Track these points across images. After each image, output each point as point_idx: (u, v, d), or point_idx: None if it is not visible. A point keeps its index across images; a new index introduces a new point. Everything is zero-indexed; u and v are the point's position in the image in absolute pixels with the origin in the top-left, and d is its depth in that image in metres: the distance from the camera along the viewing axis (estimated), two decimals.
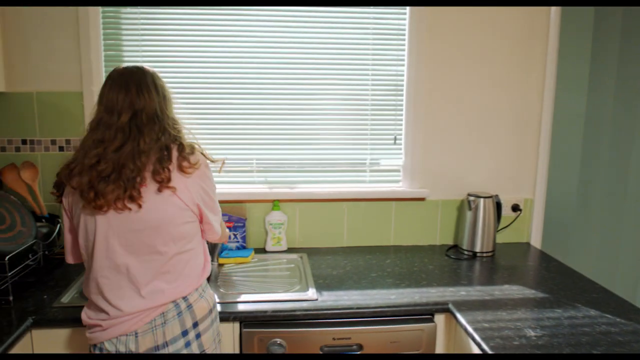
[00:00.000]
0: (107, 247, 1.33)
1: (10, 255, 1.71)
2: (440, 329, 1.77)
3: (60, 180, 1.39)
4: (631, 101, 2.42)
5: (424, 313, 1.75)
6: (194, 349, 1.38)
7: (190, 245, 1.41)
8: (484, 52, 2.28)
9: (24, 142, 2.15)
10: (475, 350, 1.55)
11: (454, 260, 2.20)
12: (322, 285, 1.89)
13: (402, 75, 2.28)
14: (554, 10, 2.27)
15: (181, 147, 1.38)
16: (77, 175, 1.32)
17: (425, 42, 2.24)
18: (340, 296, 1.79)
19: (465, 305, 1.72)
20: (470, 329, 1.57)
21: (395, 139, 2.32)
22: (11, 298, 1.68)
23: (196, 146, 1.43)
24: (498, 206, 2.28)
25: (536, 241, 2.43)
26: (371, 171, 2.34)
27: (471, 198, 2.25)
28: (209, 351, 1.43)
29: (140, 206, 1.30)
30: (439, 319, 1.77)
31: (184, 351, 1.36)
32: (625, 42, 2.37)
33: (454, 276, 2.01)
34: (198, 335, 1.39)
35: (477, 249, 2.24)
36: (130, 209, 1.30)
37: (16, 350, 1.49)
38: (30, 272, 1.87)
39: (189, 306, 1.38)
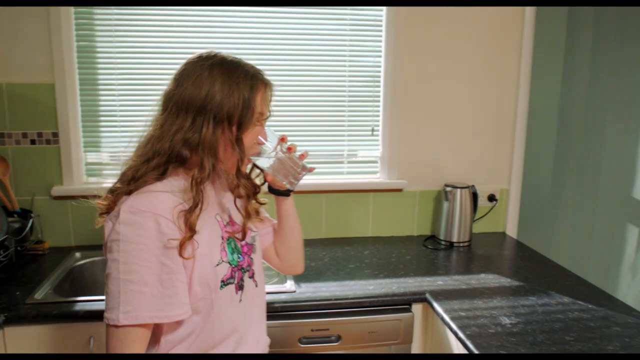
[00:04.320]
0: None
1: None
2: (417, 318, 1.78)
3: None
4: (603, 95, 2.46)
5: (401, 303, 1.76)
6: None
7: None
8: (461, 45, 2.29)
9: None
10: (452, 339, 1.57)
11: (432, 250, 2.22)
12: (300, 277, 1.88)
13: (380, 66, 2.28)
14: (529, 8, 2.29)
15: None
16: None
17: (403, 33, 2.24)
18: (318, 287, 1.79)
19: (442, 295, 1.74)
20: (446, 318, 1.58)
21: (372, 130, 2.32)
22: None
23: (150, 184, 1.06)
24: (474, 196, 2.31)
25: (512, 230, 2.47)
26: (349, 162, 2.35)
27: (448, 189, 2.27)
28: None
29: None
30: (417, 308, 1.78)
31: None
32: (597, 36, 2.40)
33: (431, 266, 2.02)
34: None
35: (454, 239, 2.27)
36: None
37: None
38: (1, 268, 1.83)
39: None
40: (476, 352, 1.39)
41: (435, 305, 1.67)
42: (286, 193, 1.33)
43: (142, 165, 1.06)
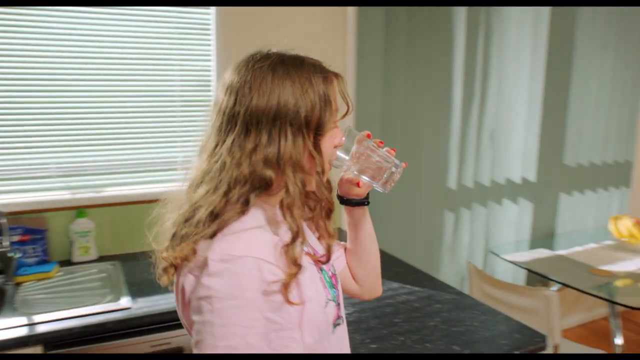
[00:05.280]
0: None
1: None
2: None
3: None
4: (418, 95, 2.71)
5: None
6: None
7: None
8: (292, 46, 2.36)
9: None
10: None
11: None
12: (138, 292, 1.79)
13: (210, 70, 2.26)
14: (351, 9, 2.44)
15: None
16: None
17: (232, 37, 2.24)
18: (156, 301, 1.71)
19: None
20: None
21: None
22: None
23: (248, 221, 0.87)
24: None
25: (346, 225, 2.60)
26: (185, 169, 2.28)
27: None
28: None
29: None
30: None
31: None
32: (410, 37, 2.64)
33: None
34: None
35: None
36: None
37: None
38: None
39: None
40: None
41: None
42: (364, 202, 1.08)
43: (220, 199, 0.85)
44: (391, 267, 2.05)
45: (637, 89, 3.46)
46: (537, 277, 2.65)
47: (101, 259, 2.13)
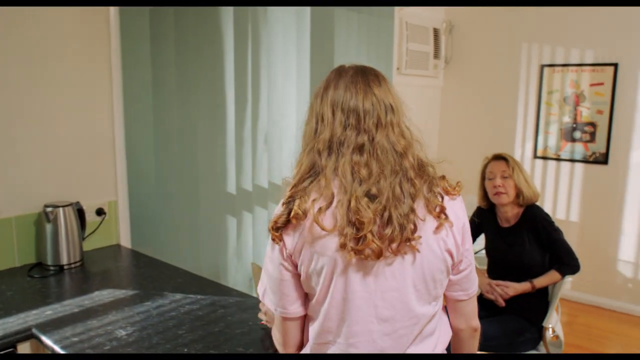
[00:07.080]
0: None
1: None
2: None
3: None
4: (191, 101, 2.69)
5: (3, 348, 1.54)
6: None
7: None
8: (45, 53, 2.13)
9: None
10: None
11: (39, 279, 2.02)
12: None
13: None
14: (113, 12, 2.30)
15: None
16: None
17: None
18: None
19: (52, 325, 1.60)
20: (57, 348, 1.47)
21: None
22: None
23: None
24: (80, 213, 2.20)
25: (126, 241, 2.47)
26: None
27: (48, 209, 2.09)
28: None
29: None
30: (24, 348, 1.59)
31: None
32: (180, 43, 2.59)
33: (38, 297, 1.84)
34: None
35: (64, 261, 2.11)
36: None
37: None
38: None
39: None
40: None
41: (44, 338, 1.53)
42: None
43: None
44: (174, 278, 2.00)
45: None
46: None
47: None
